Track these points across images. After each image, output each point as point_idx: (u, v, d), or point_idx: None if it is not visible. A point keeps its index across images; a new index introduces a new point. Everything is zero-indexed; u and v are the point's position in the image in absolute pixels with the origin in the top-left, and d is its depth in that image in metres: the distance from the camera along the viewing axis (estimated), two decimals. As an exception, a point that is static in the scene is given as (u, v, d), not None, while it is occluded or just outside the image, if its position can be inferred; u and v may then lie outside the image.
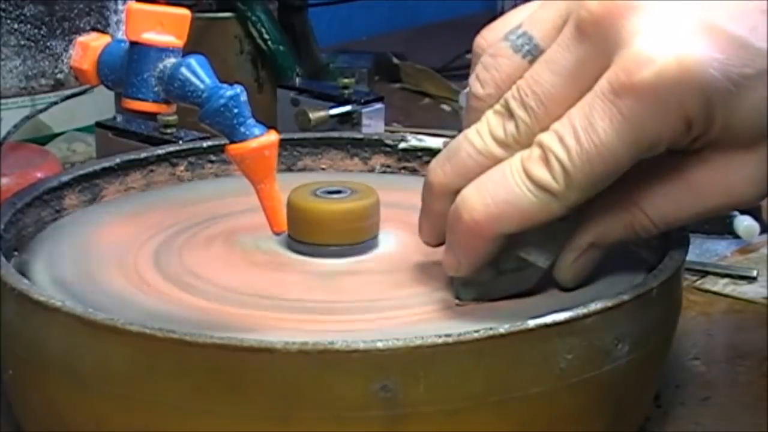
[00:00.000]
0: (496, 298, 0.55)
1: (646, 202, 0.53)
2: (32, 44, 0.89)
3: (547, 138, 0.51)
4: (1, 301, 0.52)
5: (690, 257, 0.59)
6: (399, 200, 0.64)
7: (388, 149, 0.72)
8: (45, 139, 0.90)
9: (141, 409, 0.48)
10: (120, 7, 0.93)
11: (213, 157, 0.70)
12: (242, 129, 0.52)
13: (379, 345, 0.46)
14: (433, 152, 0.69)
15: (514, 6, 0.58)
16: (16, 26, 0.88)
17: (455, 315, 0.54)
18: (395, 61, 1.21)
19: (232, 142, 0.52)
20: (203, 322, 0.52)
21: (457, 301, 0.56)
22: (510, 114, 0.52)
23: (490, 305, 0.54)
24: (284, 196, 0.57)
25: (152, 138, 0.79)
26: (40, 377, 0.51)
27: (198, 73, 0.53)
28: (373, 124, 0.91)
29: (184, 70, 0.53)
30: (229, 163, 0.68)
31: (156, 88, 0.53)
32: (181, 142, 0.77)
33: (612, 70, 0.49)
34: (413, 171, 0.71)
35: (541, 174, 0.51)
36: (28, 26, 0.89)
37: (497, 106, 0.53)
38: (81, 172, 0.65)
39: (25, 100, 0.90)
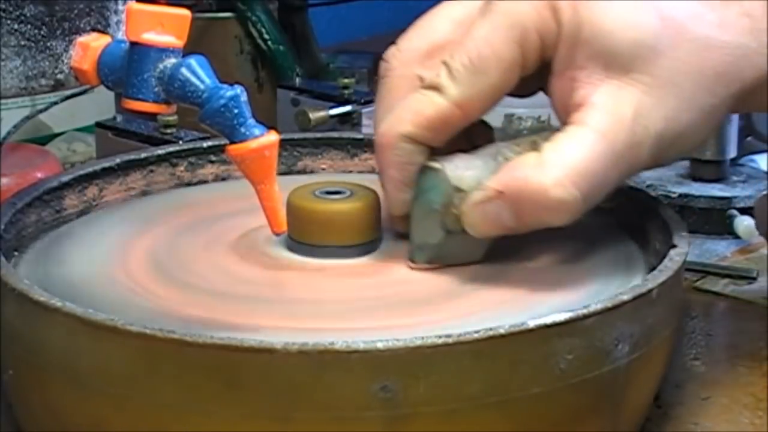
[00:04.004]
0: (449, 264, 0.57)
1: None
2: (32, 44, 0.89)
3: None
4: (1, 301, 0.52)
5: (690, 257, 0.59)
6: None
7: (388, 149, 0.71)
8: (45, 139, 0.90)
9: (141, 409, 0.48)
10: (120, 7, 0.93)
11: (213, 157, 0.70)
12: (242, 129, 0.52)
13: (379, 345, 0.46)
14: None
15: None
16: (16, 27, 0.88)
17: (456, 316, 0.54)
18: (395, 61, 1.21)
19: (233, 142, 0.52)
20: (203, 322, 0.52)
21: (411, 264, 0.57)
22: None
23: (491, 303, 0.55)
24: (284, 196, 0.57)
25: (152, 138, 0.79)
26: (40, 377, 0.51)
27: (198, 73, 0.53)
28: (373, 124, 0.91)
29: (184, 70, 0.53)
30: (229, 163, 0.68)
31: (156, 89, 0.53)
32: (181, 142, 0.77)
33: None
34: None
35: (429, 76, 0.56)
36: (29, 27, 0.89)
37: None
38: (81, 172, 0.65)
39: (25, 100, 0.90)
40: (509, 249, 0.58)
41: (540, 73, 0.56)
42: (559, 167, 0.53)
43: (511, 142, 0.56)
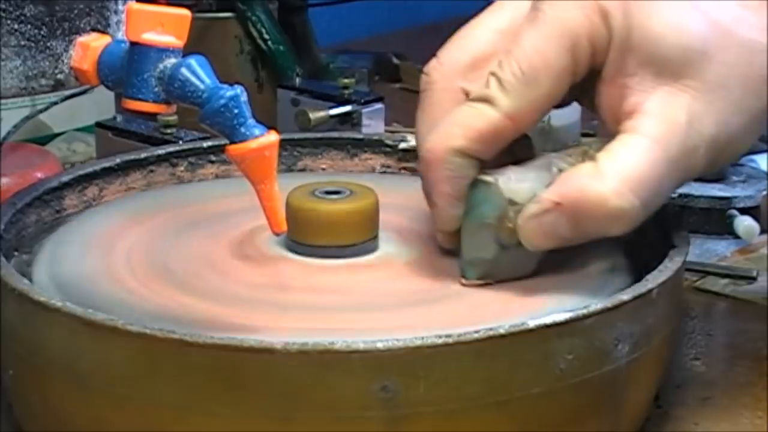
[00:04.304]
0: (502, 279, 0.56)
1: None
2: (32, 45, 0.89)
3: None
4: (1, 301, 0.52)
5: (690, 257, 0.59)
6: (399, 201, 0.64)
7: (388, 149, 0.72)
8: (45, 139, 0.90)
9: (141, 409, 0.48)
10: (120, 7, 0.93)
11: (213, 157, 0.70)
12: (242, 129, 0.52)
13: (379, 345, 0.46)
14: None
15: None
16: (16, 27, 0.88)
17: (456, 315, 0.54)
18: (395, 61, 1.21)
19: (233, 142, 0.52)
20: (203, 322, 0.52)
21: (463, 281, 0.56)
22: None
23: (491, 304, 0.55)
24: (284, 196, 0.57)
25: (152, 138, 0.79)
26: (40, 377, 0.51)
27: (198, 73, 0.53)
28: (373, 124, 0.91)
29: (184, 70, 0.53)
30: (229, 163, 0.68)
31: (156, 89, 0.53)
32: (181, 142, 0.77)
33: None
34: (413, 171, 0.71)
35: (478, 89, 0.55)
36: (29, 27, 0.89)
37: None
38: (81, 172, 0.65)
39: (25, 100, 0.90)
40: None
41: (580, 82, 0.55)
42: (617, 176, 0.52)
43: (563, 152, 0.56)
